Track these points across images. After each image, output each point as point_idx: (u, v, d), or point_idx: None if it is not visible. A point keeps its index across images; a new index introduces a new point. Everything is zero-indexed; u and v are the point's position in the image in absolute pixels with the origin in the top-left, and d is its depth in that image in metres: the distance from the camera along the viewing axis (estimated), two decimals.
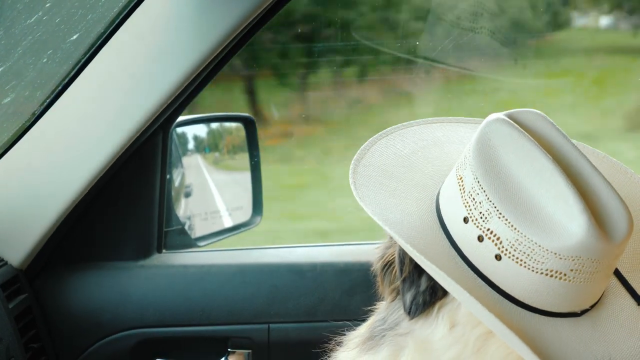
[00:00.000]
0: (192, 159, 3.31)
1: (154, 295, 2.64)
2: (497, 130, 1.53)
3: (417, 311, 1.54)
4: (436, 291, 1.54)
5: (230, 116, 3.47)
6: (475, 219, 1.48)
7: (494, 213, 1.45)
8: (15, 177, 2.52)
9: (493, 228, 1.46)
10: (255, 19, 2.42)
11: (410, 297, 1.55)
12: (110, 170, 2.52)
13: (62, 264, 2.67)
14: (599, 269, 1.49)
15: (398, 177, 1.63)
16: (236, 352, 2.62)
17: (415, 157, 1.70)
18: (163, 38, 2.43)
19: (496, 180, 1.48)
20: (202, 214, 3.24)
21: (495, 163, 1.50)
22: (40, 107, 2.48)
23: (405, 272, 1.56)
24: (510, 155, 1.50)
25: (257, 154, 3.19)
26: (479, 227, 1.47)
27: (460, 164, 1.56)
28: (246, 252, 2.88)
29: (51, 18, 2.53)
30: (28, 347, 2.47)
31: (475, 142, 1.52)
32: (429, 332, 1.55)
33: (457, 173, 1.55)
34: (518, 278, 1.45)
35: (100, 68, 2.45)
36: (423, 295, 1.54)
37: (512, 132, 1.52)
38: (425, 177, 1.67)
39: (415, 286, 1.54)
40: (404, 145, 1.72)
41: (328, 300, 2.54)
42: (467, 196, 1.50)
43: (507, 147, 1.50)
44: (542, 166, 1.47)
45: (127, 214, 2.70)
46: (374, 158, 1.66)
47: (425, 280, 1.54)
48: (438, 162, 1.71)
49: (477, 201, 1.48)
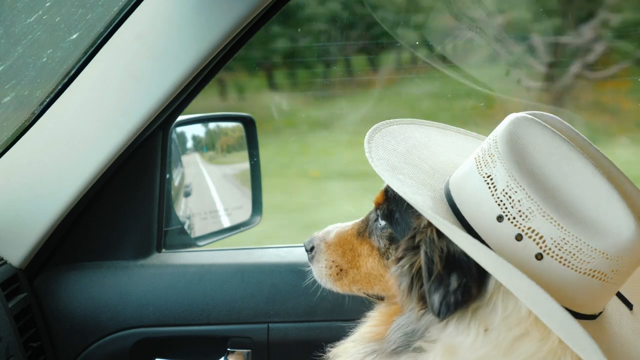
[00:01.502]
0: (191, 158, 3.31)
1: (153, 295, 2.64)
2: (528, 129, 1.52)
3: (447, 312, 1.49)
4: (469, 290, 1.50)
5: (230, 116, 3.46)
6: (513, 217, 1.45)
7: (537, 211, 1.43)
8: (15, 176, 2.52)
9: (535, 227, 1.44)
10: (255, 18, 2.42)
11: (439, 298, 1.50)
12: (110, 169, 2.52)
13: (61, 263, 2.67)
14: (629, 271, 1.50)
15: (406, 173, 1.62)
16: (236, 351, 2.62)
17: (411, 156, 1.70)
18: (163, 38, 2.43)
19: (533, 178, 1.46)
20: (201, 214, 3.24)
21: (529, 162, 1.48)
22: (40, 106, 2.48)
23: (436, 270, 1.51)
24: (545, 155, 1.48)
25: (257, 153, 3.19)
26: (517, 226, 1.45)
27: (482, 162, 1.53)
28: (246, 251, 2.88)
29: (51, 17, 2.53)
30: (27, 346, 2.47)
31: (505, 141, 1.50)
32: (460, 339, 1.52)
33: (480, 172, 1.52)
34: (559, 278, 1.43)
35: (100, 68, 2.45)
36: (454, 295, 1.49)
37: (545, 132, 1.51)
38: (426, 175, 1.66)
39: (444, 285, 1.49)
40: (397, 143, 1.72)
41: (327, 300, 2.53)
42: (500, 194, 1.47)
43: (542, 147, 1.49)
44: (582, 167, 1.47)
45: (127, 213, 2.70)
46: (379, 152, 1.65)
47: (456, 278, 1.49)
48: (430, 162, 1.71)
49: (514, 199, 1.45)
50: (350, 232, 1.90)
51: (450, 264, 1.49)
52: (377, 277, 1.81)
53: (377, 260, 1.80)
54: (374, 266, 1.81)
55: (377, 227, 1.79)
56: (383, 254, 1.78)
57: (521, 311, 1.49)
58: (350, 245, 1.88)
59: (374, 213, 1.83)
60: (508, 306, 1.50)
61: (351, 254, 1.87)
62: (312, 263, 1.95)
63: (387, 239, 1.76)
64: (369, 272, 1.82)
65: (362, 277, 1.85)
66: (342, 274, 1.88)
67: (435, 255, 1.51)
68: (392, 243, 1.75)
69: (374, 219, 1.82)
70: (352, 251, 1.88)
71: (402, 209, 1.70)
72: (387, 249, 1.77)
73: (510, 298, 1.49)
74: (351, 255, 1.87)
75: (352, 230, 1.90)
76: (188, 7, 2.41)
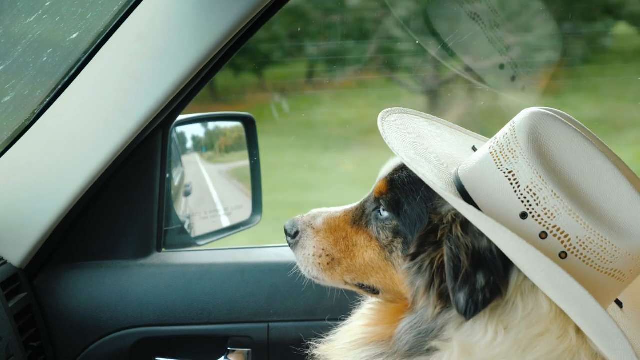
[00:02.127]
0: (191, 158, 3.31)
1: (153, 294, 2.64)
2: (548, 125, 1.50)
3: (475, 311, 1.46)
4: (497, 288, 1.46)
5: (231, 115, 3.46)
6: (538, 214, 1.44)
7: (563, 210, 1.42)
8: (15, 176, 2.52)
9: (561, 225, 1.43)
10: (255, 18, 2.41)
11: (465, 296, 1.46)
12: (110, 169, 2.52)
13: (61, 262, 2.67)
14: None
15: (418, 163, 1.58)
16: (236, 350, 2.62)
17: (418, 147, 1.66)
18: (163, 38, 2.43)
19: (557, 176, 1.45)
20: (201, 213, 3.24)
21: (551, 158, 1.47)
22: (40, 106, 2.48)
23: (463, 268, 1.47)
24: (566, 152, 1.47)
25: (257, 152, 3.19)
26: (542, 224, 1.44)
27: (501, 157, 1.50)
28: (246, 251, 2.87)
29: (51, 17, 2.53)
30: (27, 345, 2.47)
31: (526, 136, 1.48)
32: (477, 338, 1.50)
33: (500, 167, 1.49)
34: (580, 277, 1.41)
35: (100, 67, 2.45)
36: (482, 293, 1.46)
37: (566, 129, 1.49)
38: (435, 168, 1.62)
39: (470, 284, 1.46)
40: (404, 134, 1.68)
41: (327, 299, 2.53)
42: (524, 191, 1.45)
43: (562, 143, 1.48)
44: (602, 165, 1.46)
45: (127, 213, 2.70)
46: (396, 142, 1.61)
47: (483, 276, 1.46)
48: (434, 153, 1.68)
49: (539, 197, 1.44)
50: (342, 219, 1.81)
51: (477, 262, 1.46)
52: (376, 269, 1.73)
53: (378, 252, 1.72)
54: (373, 258, 1.73)
55: (379, 218, 1.71)
56: (385, 247, 1.70)
57: (542, 309, 1.48)
58: (344, 233, 1.79)
59: (372, 202, 1.76)
60: (528, 304, 1.49)
61: (344, 243, 1.78)
62: (294, 248, 1.86)
63: (391, 231, 1.69)
64: (366, 264, 1.75)
65: (357, 268, 1.76)
66: (334, 264, 1.79)
67: (461, 252, 1.48)
68: (397, 236, 1.68)
69: (373, 208, 1.75)
70: (345, 240, 1.78)
71: (412, 201, 1.64)
72: (390, 242, 1.69)
73: (529, 296, 1.49)
74: (344, 245, 1.78)
75: (345, 217, 1.81)
76: (188, 7, 2.41)
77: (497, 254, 1.47)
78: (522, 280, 1.49)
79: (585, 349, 1.45)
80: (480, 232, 1.48)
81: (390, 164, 1.77)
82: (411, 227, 1.64)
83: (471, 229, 1.50)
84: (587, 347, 1.47)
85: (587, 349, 1.46)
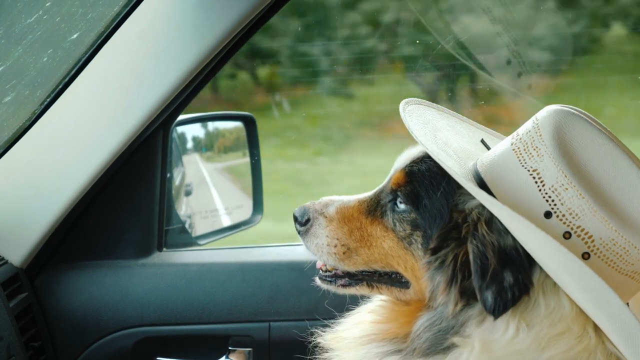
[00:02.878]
0: (192, 158, 3.32)
1: (154, 294, 2.64)
2: (573, 123, 1.49)
3: (504, 309, 1.45)
4: (525, 286, 1.45)
5: (231, 115, 3.47)
6: (562, 214, 1.43)
7: (588, 210, 1.42)
8: (16, 175, 2.52)
9: (585, 226, 1.42)
10: (255, 17, 2.42)
11: (493, 294, 1.45)
12: (111, 169, 2.52)
13: (62, 262, 2.66)
14: None
15: (445, 158, 1.56)
16: (237, 350, 2.61)
17: (438, 141, 1.64)
18: (163, 37, 2.43)
19: (582, 176, 1.44)
20: (202, 213, 3.24)
21: (576, 158, 1.46)
22: (40, 106, 2.48)
23: (491, 266, 1.46)
24: (590, 152, 1.46)
25: (258, 152, 3.19)
26: (566, 224, 1.43)
27: (525, 154, 1.49)
28: (247, 250, 2.87)
29: (51, 17, 2.53)
30: (28, 345, 2.47)
31: (552, 135, 1.47)
32: (498, 334, 1.49)
33: (524, 164, 1.48)
34: (602, 279, 1.39)
35: (101, 67, 2.45)
36: (511, 291, 1.45)
37: (591, 128, 1.48)
38: (455, 162, 1.61)
39: (498, 282, 1.45)
40: (422, 126, 1.66)
41: (329, 298, 2.53)
42: (549, 190, 1.44)
43: (587, 143, 1.47)
44: (626, 167, 1.45)
45: (128, 212, 2.70)
46: (415, 130, 1.59)
47: (510, 274, 1.45)
48: (452, 147, 1.67)
49: (564, 197, 1.43)
50: (356, 208, 1.77)
51: (503, 260, 1.46)
52: (396, 257, 1.70)
53: (396, 242, 1.69)
54: (392, 246, 1.69)
55: (395, 210, 1.69)
56: (403, 238, 1.68)
57: (564, 309, 1.48)
58: (358, 223, 1.75)
59: (388, 193, 1.73)
60: (550, 303, 1.48)
61: (359, 233, 1.74)
62: (305, 236, 1.79)
63: (408, 223, 1.66)
64: (385, 252, 1.71)
65: (377, 257, 1.72)
66: (351, 253, 1.74)
67: (488, 250, 1.47)
68: (415, 229, 1.65)
69: (389, 200, 1.72)
70: (359, 230, 1.75)
71: (433, 195, 1.62)
72: (408, 235, 1.66)
73: (551, 295, 1.48)
74: (359, 235, 1.74)
75: (359, 207, 1.77)
76: (188, 6, 2.41)
77: (523, 252, 1.47)
78: (544, 279, 1.49)
79: (601, 349, 1.46)
80: (505, 230, 1.47)
81: (406, 154, 1.75)
82: (430, 222, 1.63)
83: (496, 226, 1.49)
84: (603, 347, 1.47)
85: (604, 349, 1.46)
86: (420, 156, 1.69)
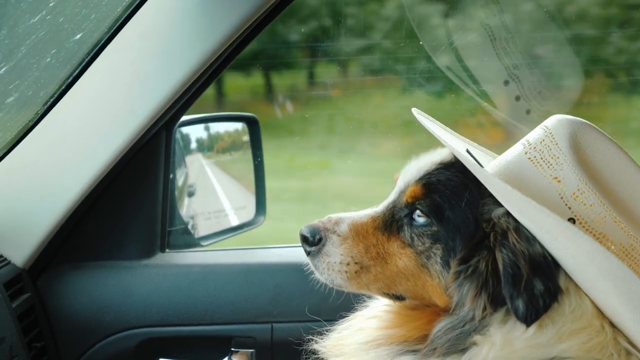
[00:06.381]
0: (195, 158, 3.32)
1: (157, 295, 2.63)
2: (587, 133, 1.53)
3: (536, 317, 1.46)
4: (555, 293, 1.46)
5: (234, 116, 3.46)
6: (585, 221, 1.46)
7: (609, 217, 1.45)
8: (19, 176, 2.52)
9: (607, 232, 1.46)
10: (259, 18, 2.41)
11: (525, 302, 1.45)
12: (114, 169, 2.52)
13: (64, 263, 2.66)
14: None
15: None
16: (239, 351, 2.61)
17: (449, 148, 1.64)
18: (167, 37, 2.43)
19: (599, 184, 1.48)
20: (205, 214, 3.24)
21: (591, 166, 1.50)
22: (43, 106, 2.48)
23: (524, 275, 1.46)
24: (604, 161, 1.50)
25: (260, 153, 3.19)
26: (589, 230, 1.46)
27: (544, 163, 1.52)
28: (250, 251, 2.87)
29: (55, 17, 2.53)
30: (31, 346, 2.47)
31: (569, 144, 1.50)
32: (519, 332, 1.50)
33: (542, 173, 1.51)
34: None
35: (104, 67, 2.45)
36: (543, 299, 1.46)
37: (603, 138, 1.53)
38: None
39: (528, 289, 1.46)
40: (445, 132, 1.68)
41: (332, 300, 2.53)
42: (570, 198, 1.48)
43: (600, 152, 1.51)
44: (635, 175, 1.50)
45: (130, 213, 2.70)
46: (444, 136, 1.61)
47: (540, 282, 1.46)
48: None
49: (586, 204, 1.47)
50: (370, 224, 1.72)
51: (534, 268, 1.46)
52: (408, 276, 1.67)
53: (414, 259, 1.65)
54: (407, 265, 1.66)
55: (413, 224, 1.65)
56: (421, 253, 1.64)
57: (586, 308, 1.50)
58: (374, 240, 1.70)
59: (403, 207, 1.69)
60: (573, 302, 1.50)
61: (375, 250, 1.69)
62: (316, 257, 1.73)
63: (429, 237, 1.63)
64: (398, 271, 1.68)
65: (387, 276, 1.69)
66: (361, 272, 1.70)
67: (519, 259, 1.47)
68: (436, 242, 1.62)
69: (405, 214, 1.68)
70: (376, 247, 1.69)
71: (455, 206, 1.60)
72: (427, 249, 1.63)
73: (574, 296, 1.50)
74: (375, 252, 1.69)
75: (372, 222, 1.73)
76: (191, 7, 2.41)
77: (551, 259, 1.48)
78: (567, 283, 1.51)
79: (613, 343, 1.48)
80: (533, 238, 1.48)
81: (412, 167, 1.72)
82: (453, 233, 1.60)
83: (524, 234, 1.49)
84: (615, 342, 1.49)
85: (616, 344, 1.49)
86: (434, 168, 1.67)
